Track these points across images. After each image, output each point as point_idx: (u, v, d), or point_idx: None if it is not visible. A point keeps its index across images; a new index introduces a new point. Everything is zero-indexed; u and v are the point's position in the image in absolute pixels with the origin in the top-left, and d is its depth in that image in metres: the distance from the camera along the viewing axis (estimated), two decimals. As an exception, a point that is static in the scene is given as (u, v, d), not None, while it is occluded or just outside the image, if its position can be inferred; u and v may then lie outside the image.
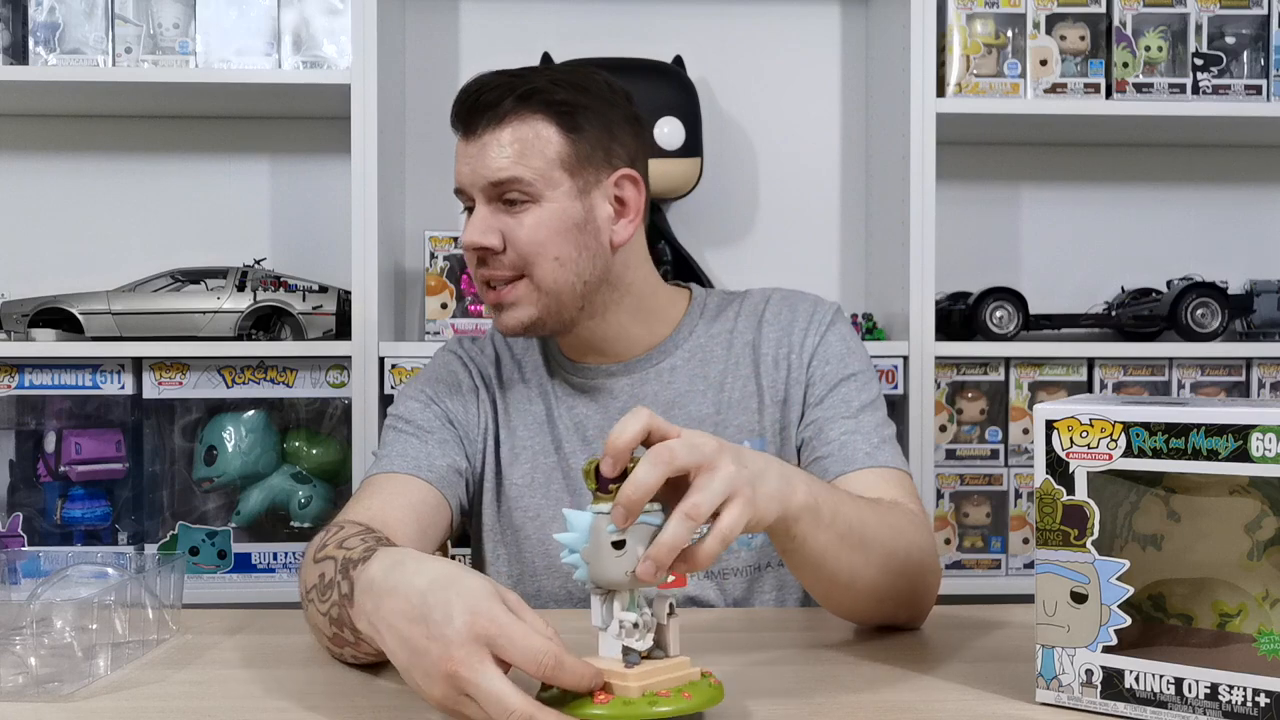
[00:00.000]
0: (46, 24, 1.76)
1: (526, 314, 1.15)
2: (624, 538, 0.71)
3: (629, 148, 1.18)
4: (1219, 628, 0.73)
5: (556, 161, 1.13)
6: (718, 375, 1.21)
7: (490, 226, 1.14)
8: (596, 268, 1.15)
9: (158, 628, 0.97)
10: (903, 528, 1.01)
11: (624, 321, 1.20)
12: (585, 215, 1.14)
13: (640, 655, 0.73)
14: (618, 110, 1.18)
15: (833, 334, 1.21)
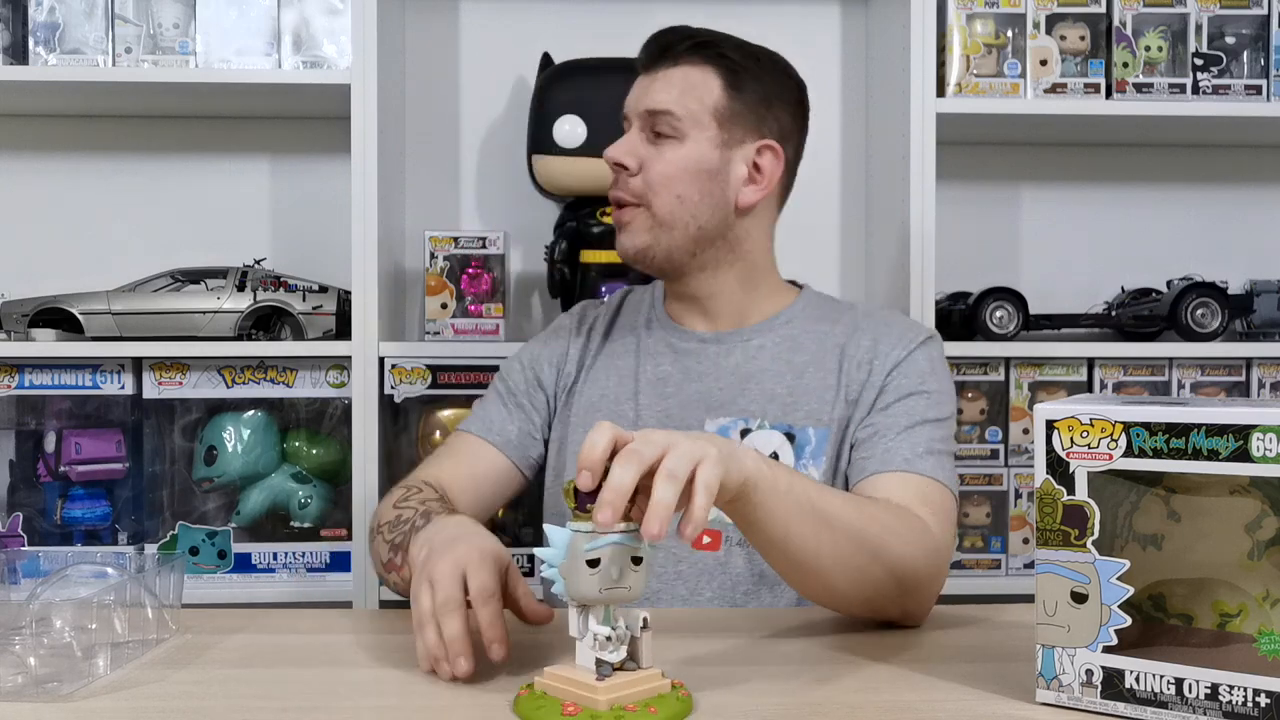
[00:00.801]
0: (46, 24, 1.76)
1: (640, 240, 1.22)
2: (599, 556, 0.74)
3: (784, 125, 1.25)
4: (1219, 628, 0.73)
5: (711, 109, 1.20)
6: (801, 363, 1.25)
7: (633, 149, 1.22)
8: (715, 219, 1.22)
9: (157, 627, 0.97)
10: (891, 524, 1.01)
11: (732, 286, 1.27)
12: (719, 166, 1.21)
13: (613, 667, 0.77)
14: (786, 90, 1.27)
15: (920, 352, 1.23)
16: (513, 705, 0.78)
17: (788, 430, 1.21)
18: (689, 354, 1.28)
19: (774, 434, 1.20)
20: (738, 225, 1.24)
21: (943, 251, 1.81)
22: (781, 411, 1.22)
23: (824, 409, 1.22)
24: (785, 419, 1.22)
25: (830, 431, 1.21)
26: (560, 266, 1.82)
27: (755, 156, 1.23)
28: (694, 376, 1.26)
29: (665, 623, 0.82)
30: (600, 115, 1.77)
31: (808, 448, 1.21)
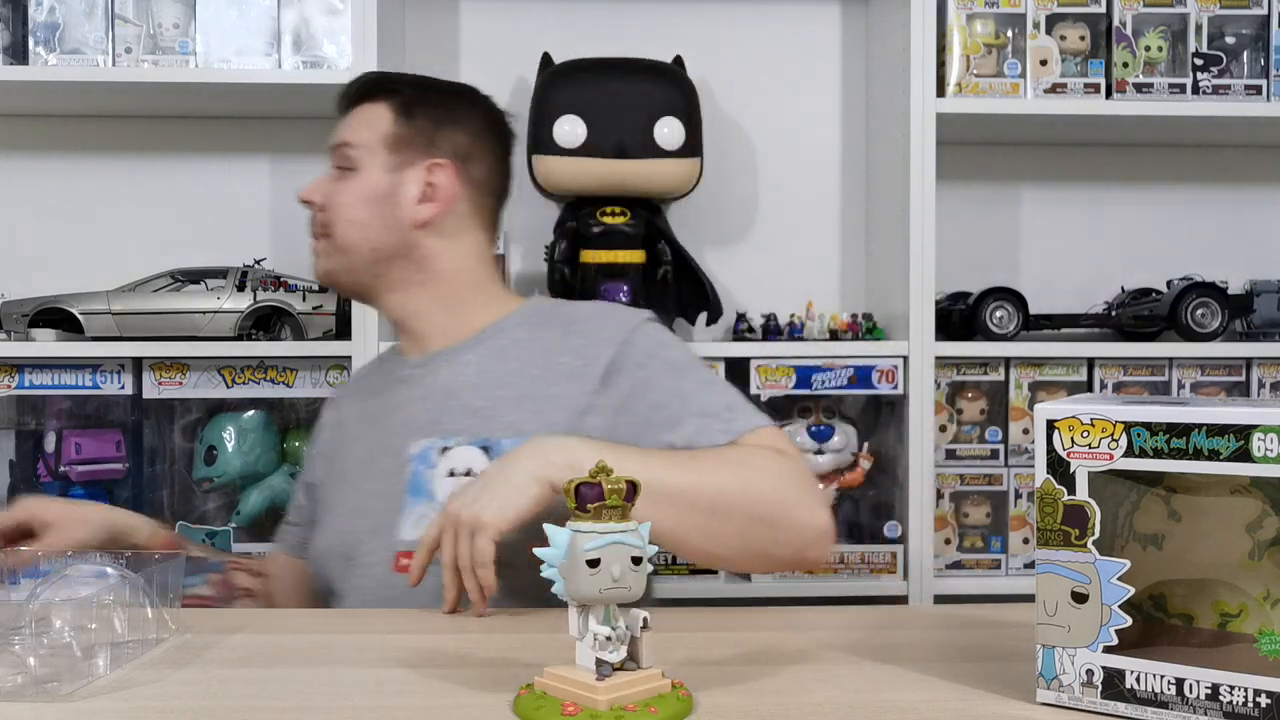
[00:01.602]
0: (46, 24, 1.76)
1: (324, 265, 1.30)
2: (599, 556, 0.74)
3: (459, 145, 1.31)
4: (1220, 628, 0.73)
5: (382, 137, 1.28)
6: (507, 374, 1.24)
7: (318, 186, 1.30)
8: (391, 239, 1.27)
9: (157, 627, 0.97)
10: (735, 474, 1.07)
11: (428, 306, 1.30)
12: (390, 189, 1.27)
13: (612, 667, 0.76)
14: (465, 114, 1.33)
15: (639, 337, 1.23)
16: (513, 705, 0.78)
17: (484, 444, 1.20)
18: (404, 380, 1.30)
19: (471, 450, 1.20)
20: (424, 244, 1.28)
21: (943, 251, 1.81)
22: (480, 425, 1.21)
23: (525, 418, 1.20)
24: (482, 433, 1.20)
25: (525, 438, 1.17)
26: (560, 266, 1.82)
27: (427, 175, 1.27)
28: (406, 401, 1.28)
29: (665, 623, 0.82)
30: (600, 115, 1.77)
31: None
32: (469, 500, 1.02)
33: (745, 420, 1.16)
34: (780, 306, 1.94)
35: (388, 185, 1.27)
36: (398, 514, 1.20)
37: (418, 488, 1.20)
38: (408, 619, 1.18)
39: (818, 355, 1.77)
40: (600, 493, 0.76)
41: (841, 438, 1.81)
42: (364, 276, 1.29)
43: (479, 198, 1.33)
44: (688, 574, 1.80)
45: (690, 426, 1.15)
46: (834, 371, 1.77)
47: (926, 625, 1.07)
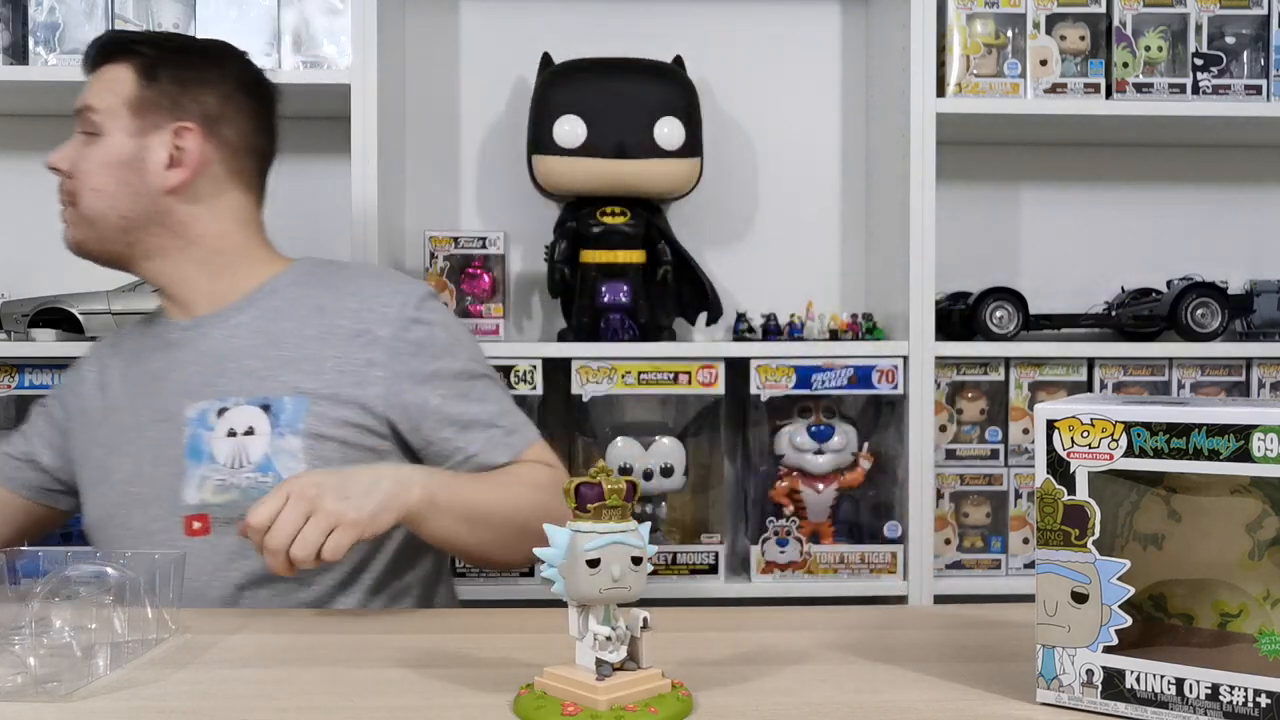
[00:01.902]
0: (46, 24, 1.76)
1: (73, 235, 1.28)
2: (599, 556, 0.74)
3: (209, 107, 1.28)
4: (1220, 628, 0.73)
5: (124, 100, 1.24)
6: (281, 333, 1.26)
7: (65, 154, 1.27)
8: (139, 206, 1.25)
9: (157, 627, 0.97)
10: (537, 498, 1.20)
11: (192, 271, 1.30)
12: (134, 154, 1.24)
13: (613, 667, 0.77)
14: (214, 74, 1.29)
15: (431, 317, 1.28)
16: (513, 705, 0.79)
17: (263, 402, 1.23)
18: (174, 344, 1.30)
19: (250, 408, 1.23)
20: (178, 210, 1.27)
21: (943, 251, 1.81)
22: (257, 385, 1.24)
23: (304, 378, 1.24)
24: (260, 391, 1.23)
25: (310, 400, 1.23)
26: (560, 266, 1.82)
27: (174, 139, 1.25)
28: (177, 365, 1.28)
29: (665, 623, 0.82)
30: (600, 115, 1.77)
31: (283, 416, 1.22)
32: (333, 492, 1.04)
33: (523, 436, 1.29)
34: (780, 306, 1.94)
35: (132, 151, 1.24)
36: (179, 478, 1.22)
37: (197, 450, 1.23)
38: (408, 619, 1.18)
39: (818, 355, 1.77)
40: (600, 493, 0.76)
41: (841, 438, 1.81)
42: (115, 245, 1.27)
43: (234, 160, 1.31)
44: (688, 574, 1.80)
45: (479, 440, 1.26)
46: (834, 371, 1.77)
47: (926, 625, 1.07)
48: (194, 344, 1.29)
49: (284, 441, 1.22)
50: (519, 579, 1.78)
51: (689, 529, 1.86)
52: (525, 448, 1.29)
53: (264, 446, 1.22)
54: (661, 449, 1.81)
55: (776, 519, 1.80)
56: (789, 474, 1.83)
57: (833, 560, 1.80)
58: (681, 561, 1.79)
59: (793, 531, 1.79)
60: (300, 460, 1.21)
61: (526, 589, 1.77)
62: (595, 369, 1.75)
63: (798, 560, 1.80)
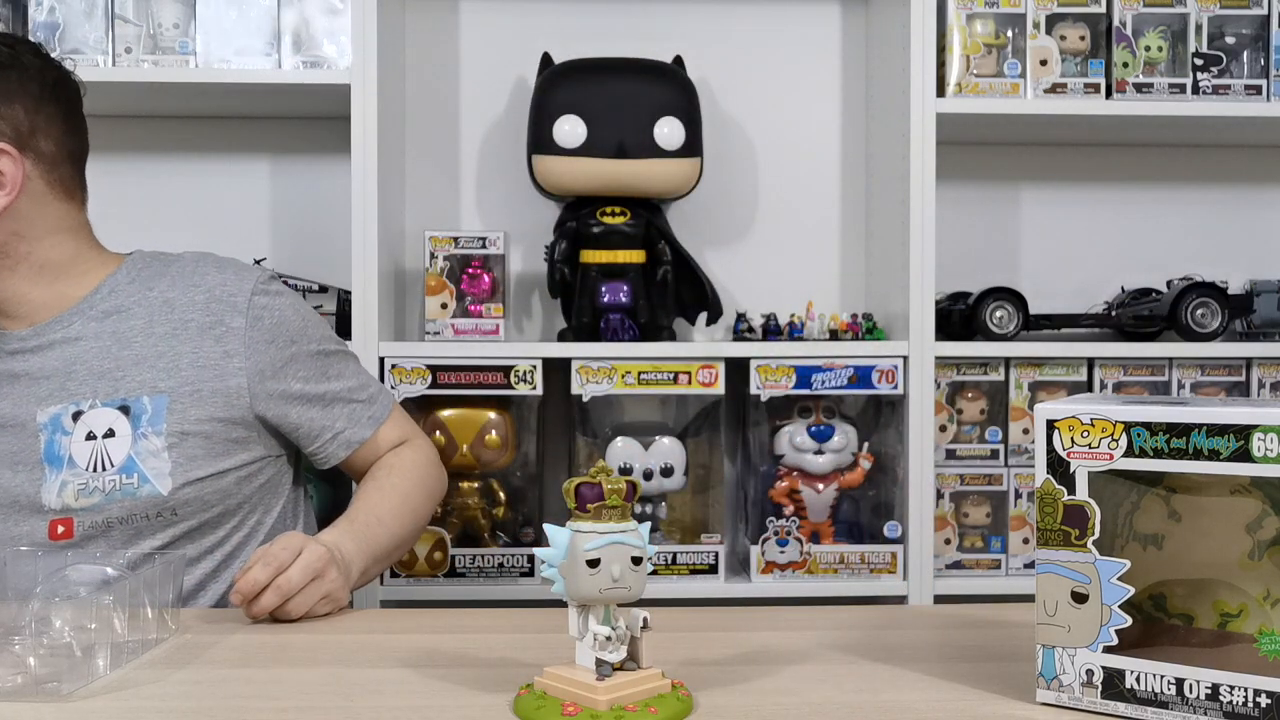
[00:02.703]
0: (46, 24, 1.76)
1: None
2: (599, 556, 0.74)
3: (19, 123, 1.21)
4: (1220, 628, 0.73)
5: None
6: (128, 332, 1.25)
7: None
8: None
9: (157, 627, 0.97)
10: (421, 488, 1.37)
11: (21, 287, 1.25)
12: None
13: (612, 667, 0.77)
14: (19, 86, 1.22)
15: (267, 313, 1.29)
16: (513, 705, 0.79)
17: (121, 404, 1.22)
18: (14, 354, 1.26)
19: (107, 410, 1.22)
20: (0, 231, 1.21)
21: (943, 251, 1.81)
22: (112, 387, 1.23)
23: (160, 376, 1.23)
24: (116, 394, 1.23)
25: (169, 398, 1.22)
26: (560, 266, 1.82)
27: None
28: (20, 373, 1.25)
29: (665, 623, 0.82)
30: (600, 115, 1.77)
31: (144, 417, 1.22)
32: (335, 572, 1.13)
33: (382, 405, 1.38)
34: (780, 306, 1.94)
35: None
36: (37, 484, 1.21)
37: (54, 455, 1.22)
38: (408, 619, 1.18)
39: (818, 355, 1.77)
40: (600, 493, 0.76)
41: (841, 438, 1.81)
42: None
43: (52, 171, 1.26)
44: (688, 574, 1.80)
45: (342, 416, 1.34)
46: (834, 371, 1.77)
47: (926, 625, 1.07)
48: (37, 351, 1.25)
49: (147, 442, 1.21)
50: (519, 579, 1.78)
51: (689, 529, 1.86)
52: (385, 417, 1.38)
53: (126, 448, 1.21)
54: (661, 449, 1.81)
55: (776, 519, 1.80)
56: (789, 474, 1.83)
57: (833, 560, 1.80)
58: (681, 561, 1.79)
59: (793, 531, 1.79)
60: (164, 459, 1.21)
61: (526, 589, 1.77)
62: (595, 369, 1.75)
63: (798, 560, 1.80)
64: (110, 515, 1.21)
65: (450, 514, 1.82)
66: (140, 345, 1.25)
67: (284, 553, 1.09)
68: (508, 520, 1.85)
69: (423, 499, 1.38)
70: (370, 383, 1.39)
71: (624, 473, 1.66)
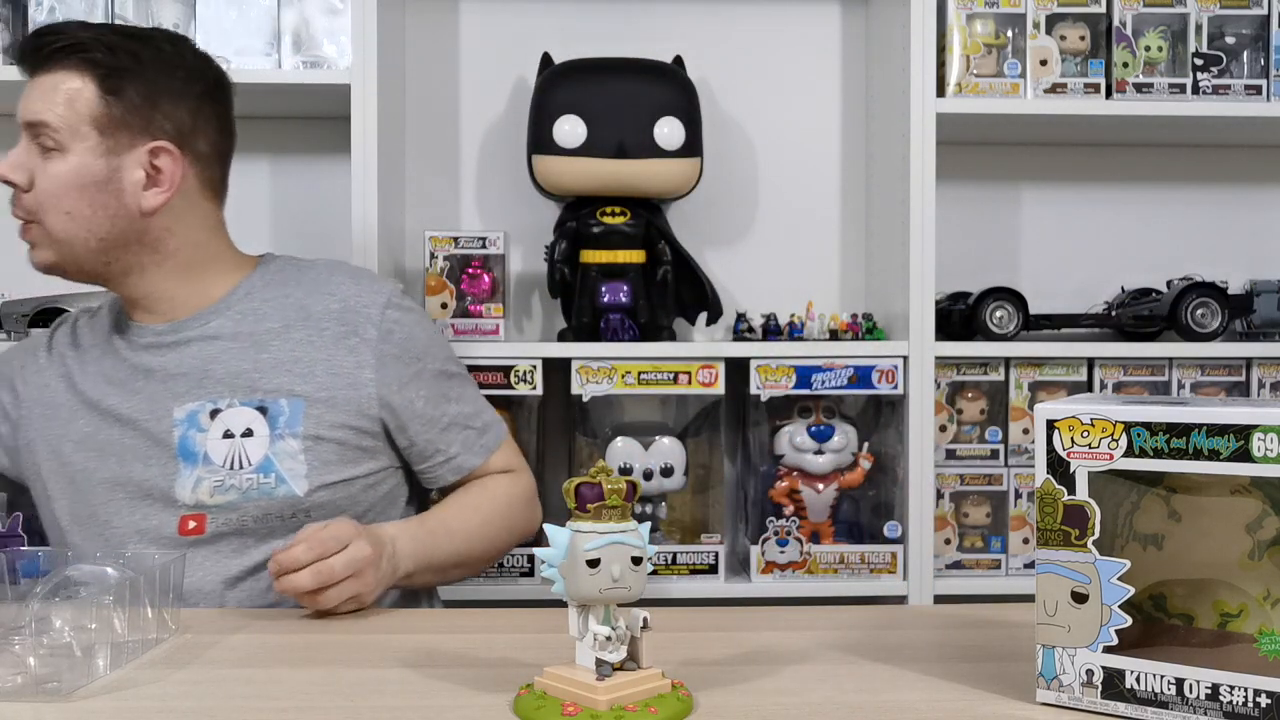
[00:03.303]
0: (46, 24, 1.76)
1: (45, 257, 1.24)
2: (599, 556, 0.74)
3: (180, 121, 1.23)
4: (1220, 628, 0.73)
5: (87, 117, 1.18)
6: (264, 335, 1.27)
7: (20, 163, 1.20)
8: (116, 228, 1.21)
9: (157, 627, 0.97)
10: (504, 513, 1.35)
11: (168, 284, 1.27)
12: (108, 175, 1.19)
13: (613, 667, 0.77)
14: (178, 83, 1.23)
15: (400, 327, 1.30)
16: (513, 705, 0.79)
17: (259, 405, 1.24)
18: (150, 348, 1.28)
19: (245, 410, 1.23)
20: (153, 227, 1.23)
21: (943, 251, 1.81)
22: (250, 387, 1.24)
23: (297, 381, 1.25)
24: (254, 394, 1.24)
25: (306, 403, 1.24)
26: (560, 266, 1.82)
27: (150, 159, 1.21)
28: (157, 369, 1.26)
29: (665, 623, 0.82)
30: (600, 115, 1.77)
31: (281, 418, 1.23)
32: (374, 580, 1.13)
33: (494, 434, 1.38)
34: (780, 306, 1.94)
35: (104, 172, 1.19)
36: (171, 478, 1.22)
37: (189, 451, 1.23)
38: (408, 619, 1.18)
39: (818, 355, 1.77)
40: (600, 493, 0.76)
41: (841, 438, 1.81)
42: (92, 266, 1.24)
43: (206, 170, 1.28)
44: (688, 574, 1.80)
45: (457, 442, 1.34)
46: (834, 371, 1.77)
47: (926, 625, 1.07)
48: (174, 348, 1.27)
49: (284, 444, 1.23)
50: (519, 579, 1.78)
51: (689, 529, 1.86)
52: (496, 446, 1.38)
53: (264, 448, 1.22)
54: (661, 449, 1.81)
55: (776, 519, 1.80)
56: (789, 474, 1.83)
57: (833, 560, 1.80)
58: (681, 561, 1.79)
59: (793, 531, 1.79)
60: (301, 462, 1.22)
61: (526, 589, 1.77)
62: (595, 369, 1.75)
63: (798, 560, 1.80)
64: (245, 514, 1.22)
65: (450, 514, 1.82)
66: (277, 349, 1.26)
67: (332, 541, 1.08)
68: (508, 520, 1.85)
69: (502, 527, 1.35)
70: (485, 409, 1.39)
71: (624, 473, 1.66)
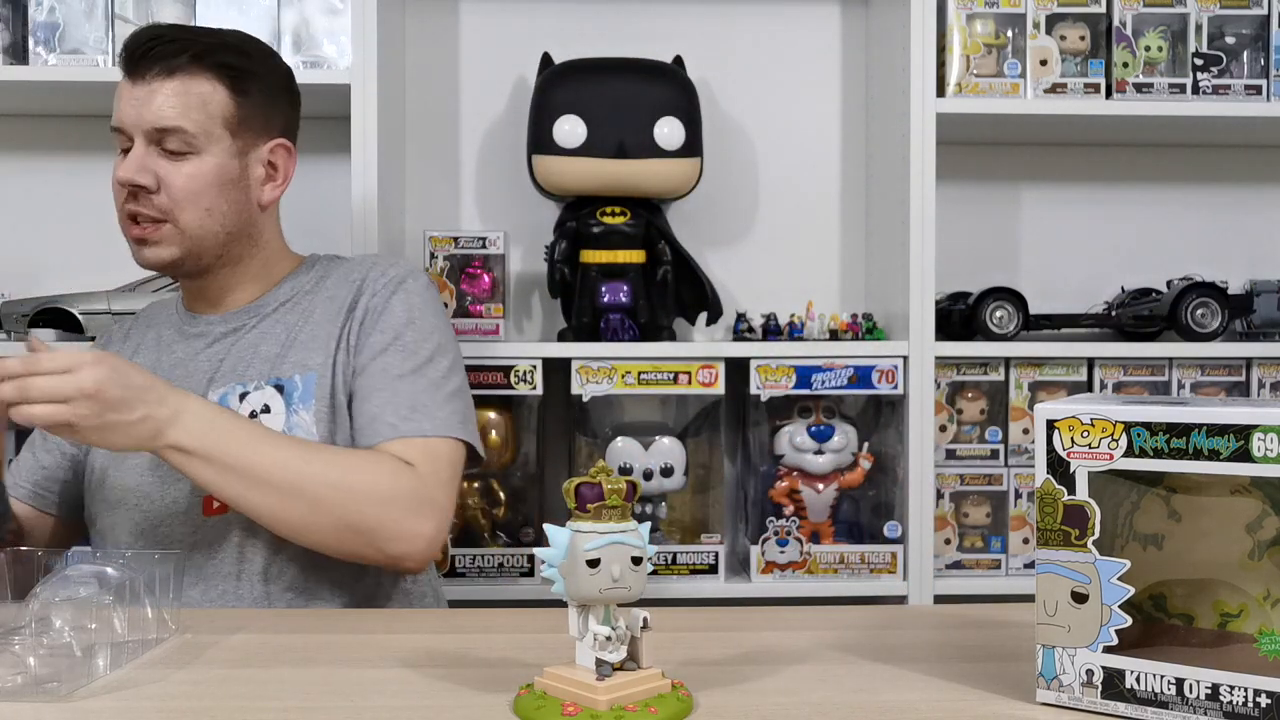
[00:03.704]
0: (46, 24, 1.76)
1: (169, 253, 1.27)
2: (599, 556, 0.74)
3: (287, 119, 1.33)
4: (1220, 628, 0.73)
5: (220, 119, 1.25)
6: (295, 321, 1.31)
7: (146, 167, 1.24)
8: (241, 221, 1.29)
9: (157, 627, 0.97)
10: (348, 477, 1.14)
11: (250, 276, 1.34)
12: (240, 173, 1.28)
13: (612, 667, 0.77)
14: (282, 82, 1.33)
15: (397, 299, 1.30)
16: (512, 705, 0.79)
17: (277, 383, 1.27)
18: (203, 336, 1.33)
19: (266, 390, 1.26)
20: (259, 220, 1.32)
21: (943, 251, 1.81)
22: (271, 369, 1.28)
23: (312, 356, 1.28)
24: (274, 374, 1.27)
25: (317, 375, 1.26)
26: (560, 266, 1.82)
27: (270, 155, 1.30)
28: (206, 357, 1.31)
29: (665, 623, 0.82)
30: (600, 115, 1.77)
31: (295, 394, 1.26)
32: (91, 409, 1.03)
33: (419, 425, 1.22)
34: (780, 306, 1.94)
35: (238, 170, 1.27)
36: None
37: None
38: (408, 619, 1.18)
39: (818, 355, 1.77)
40: (600, 493, 0.76)
41: (841, 438, 1.81)
42: (210, 259, 1.29)
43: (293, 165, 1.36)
44: (688, 574, 1.80)
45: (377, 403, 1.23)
46: (834, 371, 1.77)
47: (926, 625, 1.07)
48: (224, 337, 1.32)
49: (298, 418, 1.25)
50: (519, 579, 1.78)
51: (689, 529, 1.86)
52: (417, 434, 1.22)
53: (280, 424, 1.24)
54: (661, 449, 1.81)
55: (776, 519, 1.80)
56: (789, 474, 1.83)
57: (833, 560, 1.80)
58: (681, 561, 1.79)
59: (793, 531, 1.79)
60: (313, 433, 1.24)
61: (526, 589, 1.77)
62: (595, 369, 1.75)
63: (798, 560, 1.80)
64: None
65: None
66: (301, 331, 1.30)
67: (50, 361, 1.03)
68: (508, 520, 1.85)
69: (324, 484, 1.14)
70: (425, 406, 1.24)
71: (624, 473, 1.66)
